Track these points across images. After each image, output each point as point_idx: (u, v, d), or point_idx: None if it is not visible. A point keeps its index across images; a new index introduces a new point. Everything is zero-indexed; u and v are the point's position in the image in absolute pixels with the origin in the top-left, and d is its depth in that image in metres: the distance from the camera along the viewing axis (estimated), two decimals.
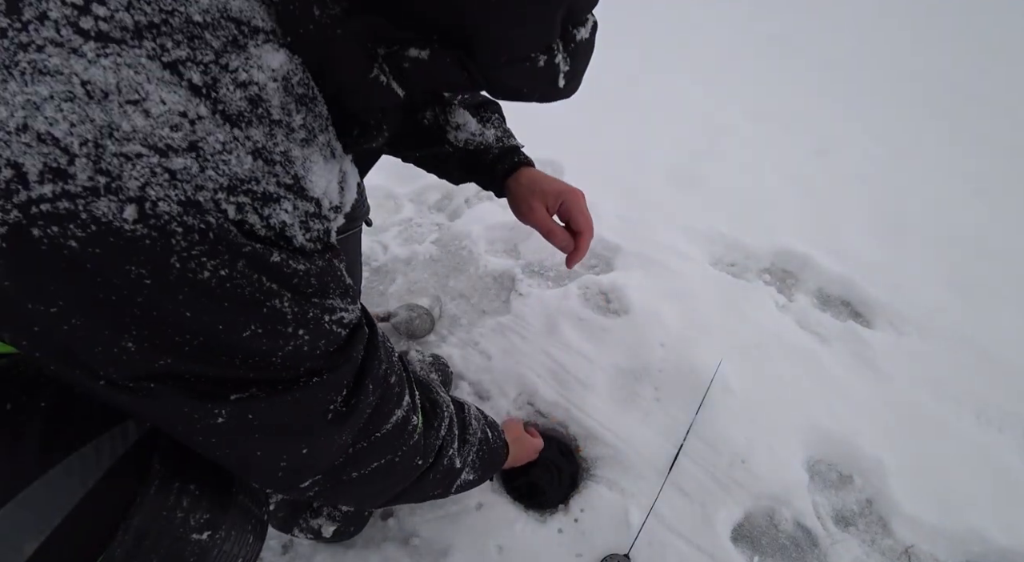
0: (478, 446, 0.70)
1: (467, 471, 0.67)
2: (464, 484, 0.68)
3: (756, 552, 0.90)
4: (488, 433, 0.74)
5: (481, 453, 0.70)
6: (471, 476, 0.68)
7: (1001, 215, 1.58)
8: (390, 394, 0.49)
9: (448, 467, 0.62)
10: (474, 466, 0.68)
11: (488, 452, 0.72)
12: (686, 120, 1.89)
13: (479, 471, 0.70)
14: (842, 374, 1.13)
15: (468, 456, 0.67)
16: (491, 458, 0.73)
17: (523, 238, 1.39)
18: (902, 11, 2.72)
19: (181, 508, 0.41)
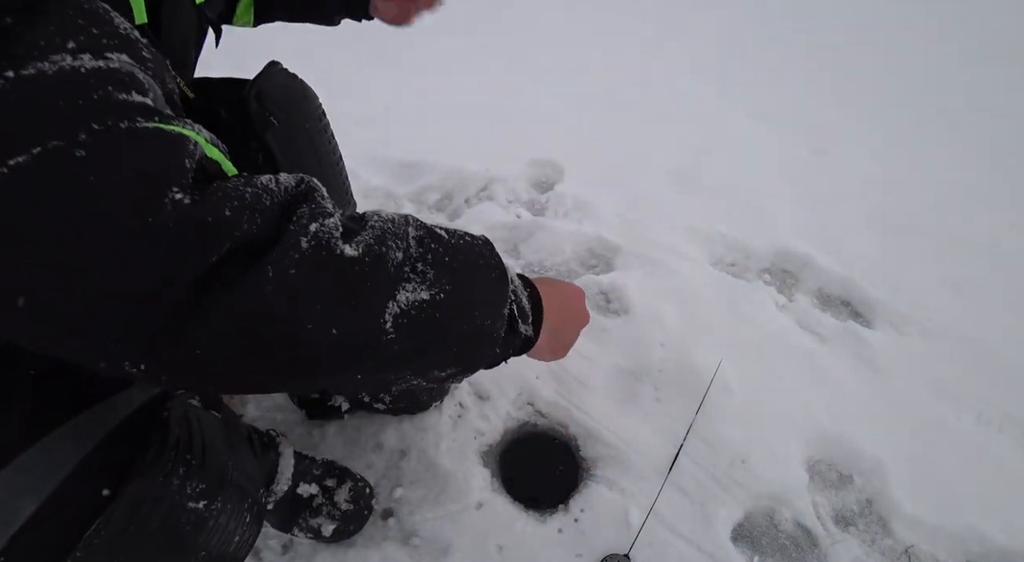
0: (423, 239, 0.42)
1: (410, 279, 0.39)
2: (413, 309, 0.38)
3: (756, 552, 0.90)
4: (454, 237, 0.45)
5: (435, 250, 0.41)
6: (423, 293, 0.39)
7: (1001, 215, 1.58)
8: None
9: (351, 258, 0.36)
10: (425, 275, 0.39)
11: (453, 251, 0.42)
12: (686, 120, 1.89)
13: (442, 283, 0.40)
14: (842, 374, 1.13)
15: (403, 248, 0.39)
16: (465, 264, 0.43)
17: (523, 238, 1.39)
18: (902, 11, 2.72)
19: (177, 476, 0.42)
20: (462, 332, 0.42)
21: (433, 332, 0.40)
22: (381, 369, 0.39)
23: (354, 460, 0.97)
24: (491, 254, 0.47)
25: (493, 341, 0.45)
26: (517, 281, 0.50)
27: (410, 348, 0.39)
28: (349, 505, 0.86)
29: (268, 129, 0.71)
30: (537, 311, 0.53)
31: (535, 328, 0.52)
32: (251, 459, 0.55)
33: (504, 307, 0.46)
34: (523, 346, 0.52)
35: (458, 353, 0.43)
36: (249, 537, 0.50)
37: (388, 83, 2.01)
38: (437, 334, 0.40)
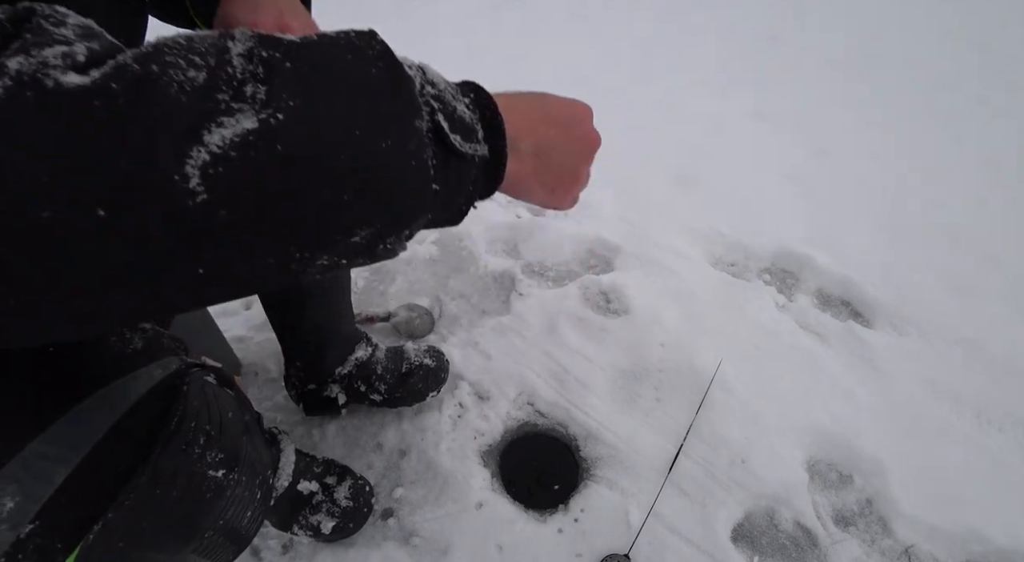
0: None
1: (231, 110, 0.25)
2: (234, 149, 0.25)
3: (756, 552, 0.90)
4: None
5: (271, 59, 0.27)
6: (247, 121, 0.25)
7: (1001, 215, 1.58)
8: None
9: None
10: (256, 97, 0.26)
11: (300, 53, 0.28)
12: (686, 120, 1.89)
13: (281, 99, 0.26)
14: (842, 374, 1.13)
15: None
16: (322, 65, 0.28)
17: (523, 238, 1.39)
18: (902, 11, 2.72)
19: (198, 445, 0.43)
20: (333, 168, 0.27)
21: (280, 177, 0.26)
22: (224, 257, 0.26)
23: (354, 460, 0.97)
24: (369, 42, 0.31)
25: (412, 174, 0.30)
26: (441, 82, 0.34)
27: (250, 213, 0.25)
28: (349, 502, 0.86)
29: None
30: (491, 120, 0.36)
31: (494, 145, 0.36)
32: (260, 441, 0.56)
33: (412, 117, 0.30)
34: (485, 175, 0.37)
35: (350, 202, 0.28)
36: (259, 515, 0.51)
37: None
38: (288, 178, 0.26)
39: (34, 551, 0.36)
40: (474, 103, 0.36)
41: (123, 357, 0.43)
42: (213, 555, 0.48)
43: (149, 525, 0.41)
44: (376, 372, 0.96)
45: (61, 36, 0.25)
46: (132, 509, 0.39)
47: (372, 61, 0.30)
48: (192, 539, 0.45)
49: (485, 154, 0.36)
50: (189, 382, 0.45)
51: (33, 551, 0.36)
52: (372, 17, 2.42)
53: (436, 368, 1.02)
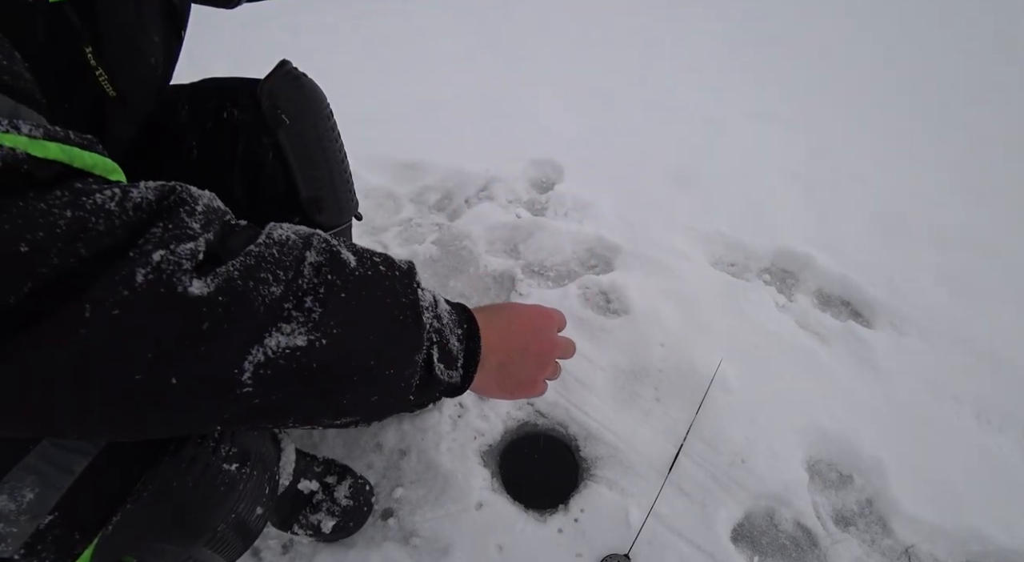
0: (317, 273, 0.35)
1: (291, 318, 0.32)
2: (283, 359, 0.32)
3: (756, 552, 0.90)
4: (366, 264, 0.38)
5: (331, 283, 0.34)
6: (299, 338, 0.32)
7: (1001, 215, 1.58)
8: None
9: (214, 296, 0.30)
10: (311, 314, 0.33)
11: (355, 285, 0.36)
12: (686, 120, 1.89)
13: (328, 327, 0.33)
14: (842, 374, 1.13)
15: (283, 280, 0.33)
16: (366, 301, 0.36)
17: (523, 238, 1.39)
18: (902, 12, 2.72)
19: (213, 438, 0.45)
20: (349, 384, 0.36)
21: (307, 385, 0.34)
22: (243, 420, 0.34)
23: (354, 460, 0.97)
24: (405, 289, 0.39)
25: (399, 392, 0.39)
26: (445, 317, 0.42)
27: (277, 402, 0.33)
28: (349, 501, 0.86)
29: (279, 127, 0.71)
30: (472, 350, 0.45)
31: (467, 371, 0.45)
32: (269, 438, 0.56)
33: (416, 354, 0.39)
34: (451, 391, 0.46)
35: (349, 405, 0.37)
36: (267, 511, 0.52)
37: (388, 83, 2.01)
38: (312, 387, 0.34)
39: (53, 542, 0.37)
40: (464, 335, 0.44)
41: None
42: (223, 549, 0.48)
43: (164, 517, 0.42)
44: None
45: (191, 230, 0.31)
46: (149, 500, 0.40)
47: (403, 309, 0.38)
48: (205, 532, 0.45)
49: (457, 381, 0.44)
50: None
51: (52, 542, 0.37)
52: (374, 14, 2.42)
53: None
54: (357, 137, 1.00)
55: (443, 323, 0.42)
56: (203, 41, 1.88)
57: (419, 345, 0.39)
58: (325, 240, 0.37)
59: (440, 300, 0.43)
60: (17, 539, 0.36)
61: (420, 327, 0.39)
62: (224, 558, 0.50)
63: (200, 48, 1.89)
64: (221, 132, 0.73)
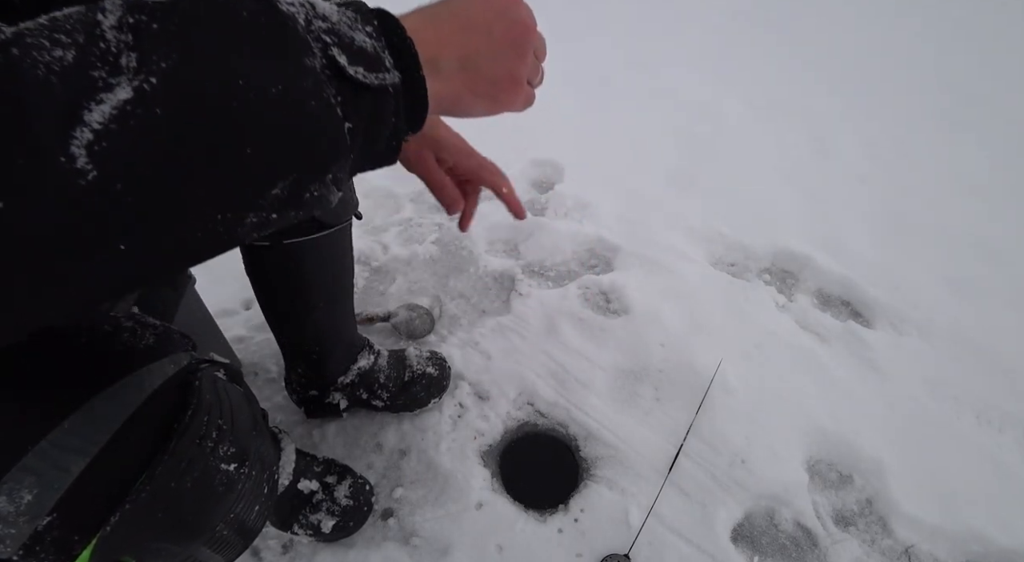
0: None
1: (110, 85, 0.24)
2: (115, 122, 0.24)
3: (756, 552, 0.90)
4: None
5: (139, 24, 0.25)
6: (123, 91, 0.24)
7: (1001, 215, 1.58)
8: None
9: None
10: (128, 67, 0.24)
11: (166, 8, 0.26)
12: (686, 120, 1.90)
13: (152, 62, 0.24)
14: (842, 374, 1.13)
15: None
16: (189, 16, 0.26)
17: (523, 238, 1.39)
18: (903, 10, 2.72)
19: (211, 439, 0.44)
20: (228, 119, 0.26)
21: (169, 141, 0.25)
22: (129, 234, 0.25)
23: (354, 460, 0.97)
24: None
25: (316, 115, 0.29)
26: (335, 15, 0.31)
27: (149, 178, 0.25)
28: (349, 501, 0.86)
29: None
30: (400, 44, 0.33)
31: (409, 73, 0.33)
32: (268, 437, 0.56)
33: (302, 55, 0.28)
34: (407, 103, 0.34)
35: (253, 153, 0.27)
36: (266, 510, 0.52)
37: None
38: (177, 141, 0.25)
39: (52, 543, 0.36)
40: (378, 31, 0.33)
41: (136, 352, 0.43)
42: (222, 548, 0.48)
43: (164, 517, 0.41)
44: (379, 381, 0.96)
45: None
46: (147, 501, 0.40)
47: (243, 3, 0.27)
48: (204, 532, 0.45)
49: (396, 81, 0.33)
50: (201, 377, 0.46)
51: (51, 543, 0.36)
52: None
53: (439, 377, 1.02)
54: None
55: (333, 22, 0.31)
56: None
57: (297, 44, 0.28)
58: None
59: (320, 1, 0.32)
60: (16, 540, 0.35)
61: (283, 17, 0.28)
62: (223, 558, 0.49)
63: None
64: None
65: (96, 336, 0.42)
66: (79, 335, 0.41)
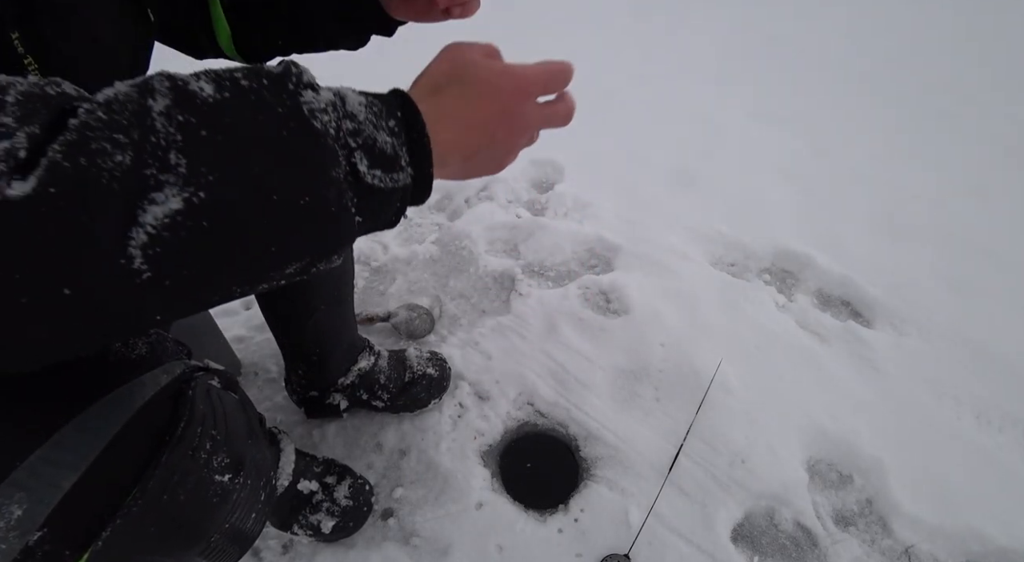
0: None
1: (160, 184, 0.27)
2: (167, 230, 0.27)
3: (756, 552, 0.90)
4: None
5: (187, 125, 0.28)
6: (175, 201, 0.27)
7: (1001, 215, 1.58)
8: None
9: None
10: (178, 170, 0.28)
11: (214, 117, 0.29)
12: (686, 120, 1.90)
13: (200, 175, 0.28)
14: (842, 374, 1.13)
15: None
16: (233, 133, 0.29)
17: (523, 238, 1.39)
18: (902, 11, 2.72)
19: (205, 450, 0.43)
20: (262, 230, 0.30)
21: (214, 247, 0.29)
22: (175, 304, 0.30)
23: (354, 460, 0.97)
24: (278, 97, 0.31)
25: (334, 217, 0.32)
26: (362, 113, 0.34)
27: (191, 277, 0.29)
28: (349, 501, 0.86)
29: None
30: (418, 140, 0.36)
31: (420, 170, 0.36)
32: (264, 443, 0.56)
33: (328, 168, 0.31)
34: (414, 197, 0.38)
35: (281, 251, 0.31)
36: (263, 516, 0.51)
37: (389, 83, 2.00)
38: (220, 249, 0.29)
39: (43, 558, 0.36)
40: (400, 125, 0.35)
41: (128, 362, 0.43)
42: (219, 557, 0.48)
43: (157, 530, 0.41)
44: (379, 382, 0.96)
45: (3, 127, 0.26)
46: (140, 514, 0.39)
47: (283, 122, 0.30)
48: (198, 543, 0.45)
49: (408, 183, 0.36)
50: (194, 387, 0.45)
51: (42, 558, 0.36)
52: None
53: (439, 378, 1.02)
54: None
55: (359, 121, 0.33)
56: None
57: (324, 156, 0.31)
58: (167, 77, 0.29)
59: (350, 95, 0.34)
60: (6, 556, 0.35)
61: (316, 134, 0.31)
62: None
63: None
64: None
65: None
66: None
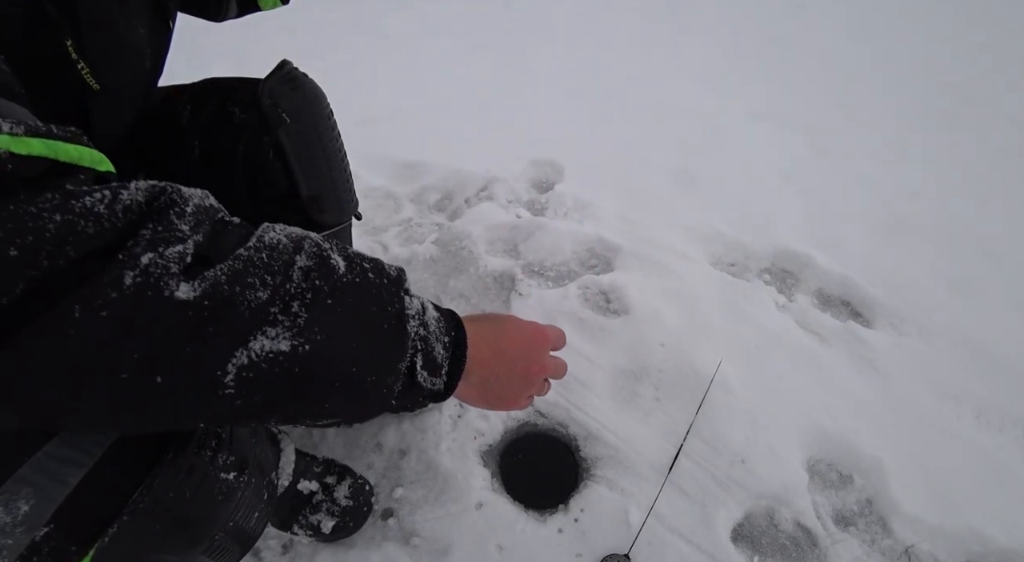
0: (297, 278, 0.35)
1: (276, 322, 0.33)
2: (265, 363, 0.32)
3: (756, 552, 0.90)
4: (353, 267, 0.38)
5: (318, 289, 0.35)
6: (283, 343, 0.33)
7: (1001, 215, 1.58)
8: None
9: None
10: (296, 319, 0.34)
11: (342, 291, 0.36)
12: (686, 120, 1.89)
13: (312, 332, 0.34)
14: (842, 374, 1.13)
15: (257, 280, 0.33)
16: (351, 309, 0.37)
17: (523, 238, 1.39)
18: (901, 11, 2.72)
19: (210, 448, 0.44)
20: (331, 390, 0.36)
21: (289, 389, 0.34)
22: (225, 419, 0.35)
23: (354, 460, 0.97)
24: (392, 298, 0.39)
25: (381, 397, 0.39)
26: (432, 324, 0.42)
27: (258, 404, 0.34)
28: (349, 501, 0.86)
29: (280, 126, 0.72)
30: (458, 359, 0.45)
31: (450, 380, 0.44)
32: (266, 442, 0.56)
33: (400, 362, 0.39)
34: (432, 397, 0.45)
35: (330, 409, 0.38)
36: (265, 515, 0.52)
37: (389, 83, 2.01)
38: (294, 391, 0.35)
39: (49, 554, 0.36)
40: (451, 343, 0.44)
41: None
42: (221, 556, 0.48)
43: (162, 527, 0.41)
44: None
45: (181, 232, 0.32)
46: (145, 512, 0.40)
47: (388, 317, 0.39)
48: (202, 541, 0.45)
49: (440, 389, 0.44)
50: None
51: (48, 554, 0.36)
52: (373, 13, 2.42)
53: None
54: (357, 137, 1.00)
55: (429, 331, 0.42)
56: (203, 41, 1.88)
57: (403, 353, 0.40)
58: (316, 244, 0.37)
59: (429, 307, 0.43)
60: (13, 551, 0.35)
61: (405, 336, 0.40)
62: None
63: (200, 48, 1.89)
64: (222, 132, 0.73)
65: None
66: None
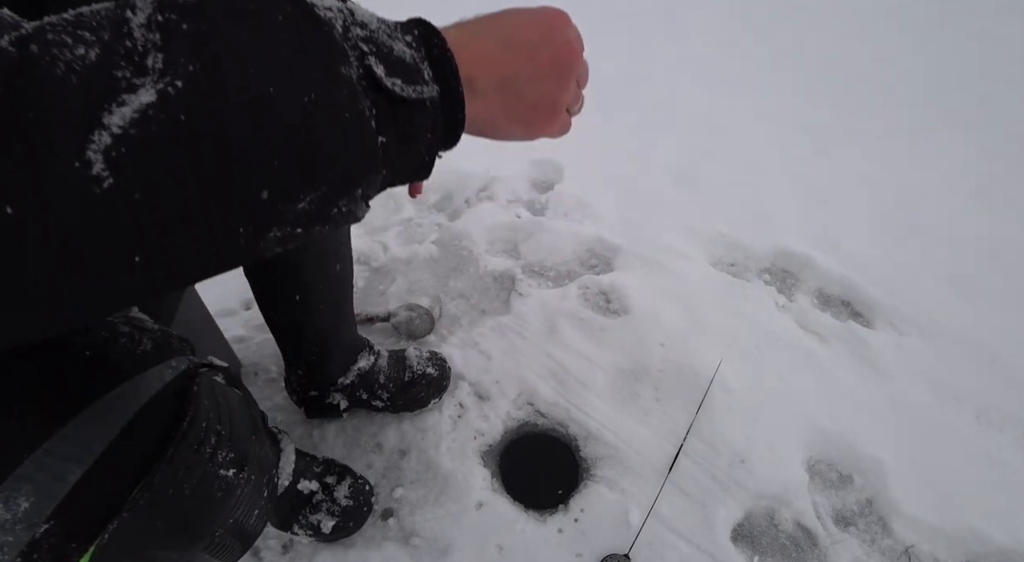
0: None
1: (133, 86, 0.22)
2: (135, 127, 0.22)
3: (756, 552, 0.90)
4: None
5: (167, 23, 0.24)
6: (146, 94, 0.23)
7: (1001, 215, 1.58)
8: None
9: None
10: (155, 68, 0.23)
11: (196, 6, 0.25)
12: (686, 120, 1.89)
13: (179, 65, 0.23)
14: (842, 374, 1.13)
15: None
16: (218, 15, 0.25)
17: (523, 238, 1.39)
18: (902, 11, 2.72)
19: (209, 444, 0.44)
20: (252, 127, 0.24)
21: (192, 147, 0.23)
22: (146, 245, 0.24)
23: (354, 460, 0.97)
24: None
25: (349, 123, 0.27)
26: (373, 22, 0.30)
27: (165, 188, 0.23)
28: (349, 501, 0.86)
29: None
30: (441, 57, 0.32)
31: (447, 85, 0.32)
32: (267, 440, 0.56)
33: (335, 64, 0.27)
34: (445, 120, 0.33)
35: (281, 165, 0.26)
36: (265, 513, 0.52)
37: None
38: (202, 147, 0.24)
39: (49, 551, 0.36)
40: (418, 41, 0.32)
41: (133, 358, 0.43)
42: (221, 553, 0.48)
43: (162, 524, 0.41)
44: (379, 381, 0.96)
45: None
46: (145, 508, 0.40)
47: (278, 6, 0.26)
48: (202, 538, 0.45)
49: (435, 96, 0.32)
50: (199, 382, 0.46)
51: (48, 551, 0.36)
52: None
53: (439, 377, 1.02)
54: None
55: (371, 30, 0.30)
56: None
57: (333, 51, 0.27)
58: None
59: (358, 7, 0.31)
60: (13, 548, 0.35)
61: (317, 23, 0.27)
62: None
63: None
64: None
65: (93, 342, 0.42)
66: (76, 341, 0.40)
